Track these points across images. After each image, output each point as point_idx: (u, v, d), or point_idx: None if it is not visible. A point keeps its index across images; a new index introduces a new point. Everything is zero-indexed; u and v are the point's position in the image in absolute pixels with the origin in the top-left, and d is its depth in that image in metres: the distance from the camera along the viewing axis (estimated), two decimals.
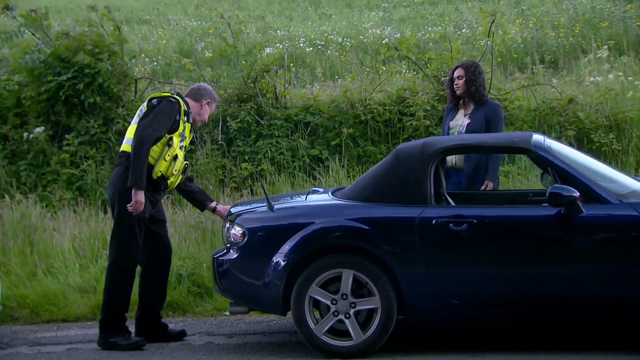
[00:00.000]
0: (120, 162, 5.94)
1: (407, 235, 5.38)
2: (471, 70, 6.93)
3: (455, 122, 6.95)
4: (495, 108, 6.93)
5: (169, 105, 5.93)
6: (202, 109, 6.23)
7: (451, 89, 7.05)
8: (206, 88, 6.34)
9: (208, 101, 6.26)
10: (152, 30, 21.13)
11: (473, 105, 6.94)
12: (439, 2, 23.57)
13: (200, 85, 6.43)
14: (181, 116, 5.98)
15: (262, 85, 10.22)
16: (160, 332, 6.13)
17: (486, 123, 6.80)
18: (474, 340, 5.82)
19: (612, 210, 5.23)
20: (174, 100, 5.98)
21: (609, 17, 17.37)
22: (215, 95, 6.36)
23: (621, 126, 9.56)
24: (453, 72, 7.05)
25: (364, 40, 17.91)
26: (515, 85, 10.38)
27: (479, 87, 6.91)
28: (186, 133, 6.07)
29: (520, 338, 5.79)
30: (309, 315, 5.43)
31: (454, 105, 7.05)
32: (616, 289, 5.19)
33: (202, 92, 6.26)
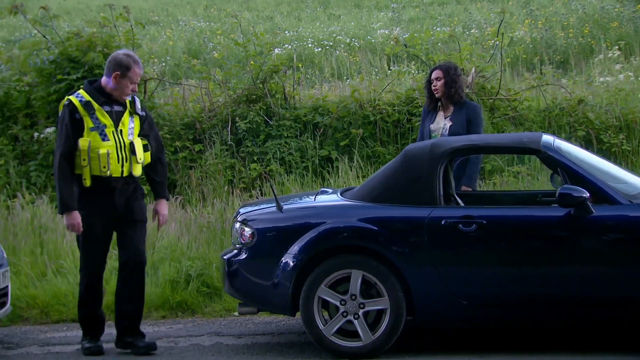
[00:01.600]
0: None
1: (416, 235, 5.37)
2: (450, 72, 6.87)
3: (436, 125, 6.90)
4: (475, 109, 6.90)
5: (62, 113, 5.61)
6: (117, 83, 5.62)
7: (429, 91, 6.98)
8: (114, 58, 5.67)
9: (117, 73, 5.60)
10: (161, 30, 21.16)
11: (452, 107, 6.89)
12: (448, 3, 23.54)
13: (111, 56, 5.76)
14: (81, 112, 5.55)
15: (271, 86, 10.23)
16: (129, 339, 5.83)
17: (467, 124, 6.77)
18: (482, 340, 5.81)
19: (622, 210, 5.21)
20: (67, 102, 5.60)
21: (618, 17, 17.32)
22: (127, 62, 5.61)
23: (631, 126, 9.54)
24: (431, 74, 6.99)
25: (372, 41, 17.91)
26: (525, 86, 10.35)
27: (458, 88, 6.87)
28: (104, 120, 5.58)
29: (528, 338, 5.78)
30: (317, 315, 5.43)
31: (432, 108, 7.01)
32: (627, 290, 5.17)
33: (110, 65, 5.65)
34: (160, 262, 7.50)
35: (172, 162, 9.71)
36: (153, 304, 7.05)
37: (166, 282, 7.22)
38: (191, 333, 6.41)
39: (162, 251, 7.68)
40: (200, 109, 10.33)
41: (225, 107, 10.18)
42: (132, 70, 5.61)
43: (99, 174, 5.58)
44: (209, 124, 10.06)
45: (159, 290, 7.15)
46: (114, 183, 5.64)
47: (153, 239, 7.92)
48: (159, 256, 7.61)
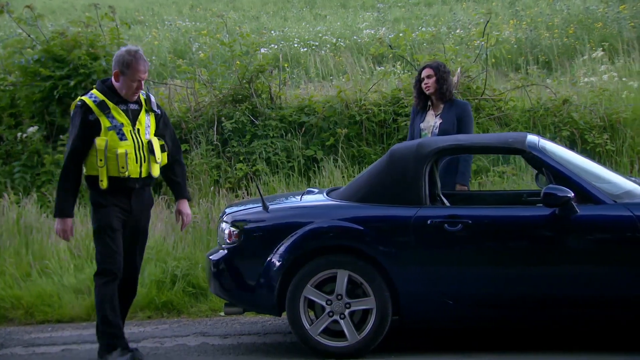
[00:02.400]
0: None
1: (402, 235, 5.39)
2: (441, 70, 6.92)
3: (426, 124, 6.93)
4: (465, 107, 6.93)
5: (75, 113, 5.38)
6: (119, 81, 5.44)
7: (419, 90, 7.01)
8: (115, 56, 5.48)
9: (117, 72, 5.41)
10: (146, 30, 21.10)
11: (442, 105, 6.92)
12: (433, 3, 23.62)
13: (116, 53, 5.57)
14: (95, 112, 5.34)
15: (257, 86, 10.23)
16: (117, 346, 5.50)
17: (457, 122, 6.80)
18: (469, 340, 5.83)
19: (606, 210, 5.24)
20: (79, 103, 5.38)
21: (602, 18, 17.42)
22: (127, 60, 5.40)
23: (615, 127, 9.59)
24: (420, 73, 7.02)
25: (358, 41, 17.93)
26: (510, 86, 10.40)
27: (449, 85, 6.92)
28: (121, 119, 5.38)
29: (514, 338, 5.80)
30: (303, 315, 5.43)
31: (422, 107, 7.03)
32: (611, 290, 5.19)
33: (113, 65, 5.48)
34: (146, 262, 7.46)
35: None
36: (139, 305, 7.03)
37: (152, 282, 7.20)
38: (177, 333, 6.40)
39: (147, 251, 7.62)
40: (186, 109, 10.31)
41: (211, 107, 10.17)
42: (132, 68, 5.38)
43: (117, 175, 5.36)
44: (194, 123, 10.04)
45: (144, 290, 7.13)
46: (131, 184, 5.43)
47: None
48: (144, 256, 7.57)
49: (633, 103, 9.97)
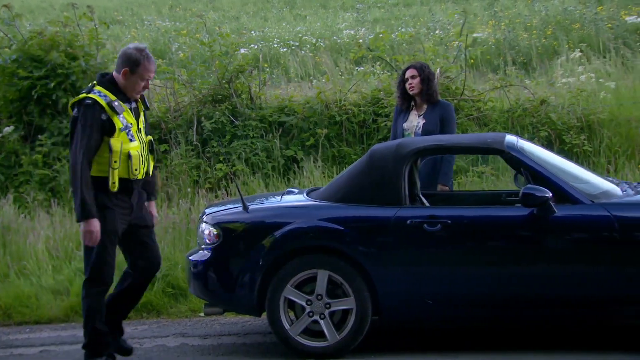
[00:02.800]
0: None
1: (382, 235, 5.40)
2: (425, 70, 6.95)
3: (409, 124, 6.96)
4: (448, 108, 6.97)
5: (87, 111, 5.07)
6: (127, 80, 5.21)
7: (402, 90, 7.03)
8: (123, 54, 5.25)
9: (126, 69, 5.19)
10: (126, 30, 21.01)
11: (426, 106, 6.96)
12: (412, 3, 23.69)
13: (121, 51, 5.34)
14: (108, 112, 5.10)
15: (237, 86, 10.22)
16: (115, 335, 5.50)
17: (440, 123, 6.84)
18: (448, 340, 5.85)
19: (584, 210, 5.28)
20: (89, 102, 5.09)
21: (580, 19, 17.54)
22: (137, 58, 5.19)
23: (592, 127, 9.66)
24: (404, 73, 7.04)
25: (338, 41, 17.95)
26: (489, 87, 10.45)
27: (433, 86, 6.96)
28: (129, 119, 5.22)
29: (494, 338, 5.83)
30: (283, 316, 5.44)
31: (406, 107, 7.06)
32: (588, 289, 5.23)
33: (119, 62, 5.25)
34: (124, 263, 7.43)
35: None
36: None
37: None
38: (156, 334, 6.38)
39: None
40: (165, 109, 10.28)
41: (190, 107, 10.15)
42: (142, 66, 5.18)
43: (127, 177, 5.20)
44: (174, 124, 10.02)
45: None
46: (134, 185, 5.28)
47: None
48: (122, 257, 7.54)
49: (610, 104, 10.06)
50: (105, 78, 5.27)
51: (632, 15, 17.12)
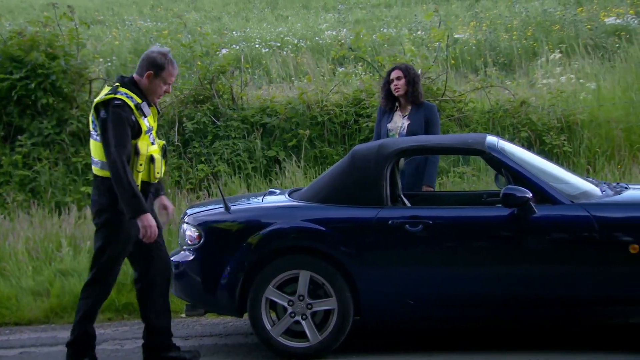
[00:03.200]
0: (96, 185, 5.23)
1: (364, 236, 5.41)
2: (411, 72, 6.98)
3: (394, 124, 6.99)
4: (432, 109, 7.01)
5: (117, 112, 5.01)
6: (150, 83, 5.19)
7: (387, 91, 7.05)
8: (148, 57, 5.23)
9: (150, 72, 5.18)
10: (107, 30, 20.92)
11: (410, 107, 6.99)
12: (394, 5, 23.75)
13: (144, 54, 5.31)
14: (136, 114, 5.09)
15: (219, 87, 10.21)
16: (173, 354, 5.38)
17: (425, 123, 6.87)
18: (430, 340, 5.87)
19: (563, 210, 5.31)
20: (119, 102, 5.03)
21: (560, 20, 17.66)
22: (161, 61, 5.19)
23: (572, 128, 9.73)
24: (389, 74, 7.06)
25: (320, 42, 17.96)
26: (470, 87, 10.50)
27: (419, 87, 6.99)
28: (151, 123, 5.24)
29: (474, 338, 5.86)
30: (265, 316, 5.43)
31: (390, 108, 7.08)
32: (569, 289, 5.26)
33: (143, 64, 5.21)
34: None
35: None
36: None
37: None
38: (137, 335, 6.33)
39: None
40: None
41: (172, 108, 10.12)
42: (166, 70, 5.19)
43: (148, 180, 5.17)
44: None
45: None
46: (150, 188, 5.25)
47: None
48: None
49: (590, 105, 10.13)
50: (126, 80, 5.23)
51: (611, 16, 17.27)
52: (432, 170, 6.81)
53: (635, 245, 5.15)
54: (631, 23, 16.43)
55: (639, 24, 16.28)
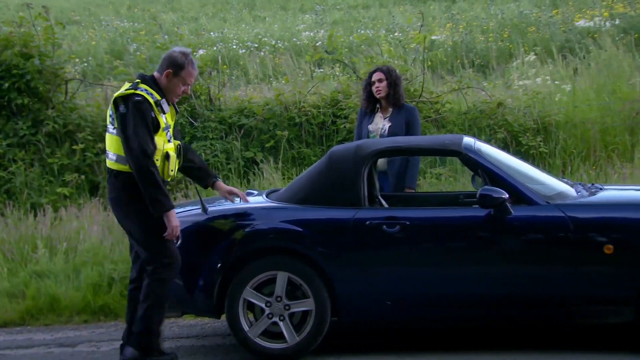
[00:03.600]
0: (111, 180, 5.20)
1: (341, 237, 5.42)
2: (393, 74, 7.01)
3: (375, 126, 7.01)
4: (413, 111, 7.04)
5: (138, 107, 5.00)
6: (169, 82, 5.20)
7: (368, 93, 7.07)
8: (168, 56, 5.24)
9: (170, 71, 5.18)
10: (83, 31, 20.79)
11: (391, 109, 7.01)
12: (371, 6, 23.81)
13: (166, 53, 5.33)
14: (155, 110, 5.08)
15: (196, 87, 10.18)
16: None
17: (406, 125, 6.90)
18: (406, 340, 5.89)
19: (539, 211, 5.34)
20: (140, 99, 5.02)
21: (535, 22, 17.80)
22: (182, 61, 5.19)
23: (548, 129, 9.81)
24: (371, 76, 7.08)
25: (297, 43, 17.97)
26: (447, 89, 10.55)
27: (400, 89, 7.01)
28: (169, 120, 5.23)
29: (450, 338, 5.88)
30: (243, 318, 5.43)
31: (371, 110, 7.11)
32: (545, 289, 5.29)
33: (163, 63, 5.23)
34: (82, 265, 7.38)
35: (94, 164, 9.57)
36: (75, 308, 6.94)
37: (88, 285, 7.11)
38: (113, 337, 6.32)
39: (84, 254, 7.56)
40: None
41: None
42: (186, 70, 5.20)
43: (162, 177, 5.13)
44: None
45: (80, 294, 7.03)
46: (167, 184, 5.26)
47: (76, 242, 7.80)
48: (81, 259, 7.49)
49: (565, 106, 10.22)
50: (147, 77, 5.21)
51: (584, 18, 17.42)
52: (413, 172, 6.84)
53: (609, 245, 5.19)
54: (604, 25, 16.59)
55: (611, 26, 16.45)
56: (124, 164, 5.08)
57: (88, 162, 9.61)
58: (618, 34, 15.69)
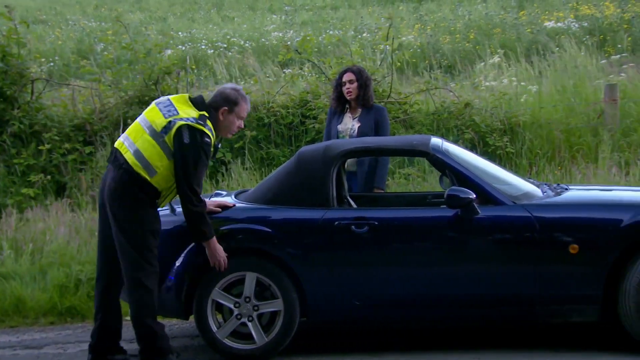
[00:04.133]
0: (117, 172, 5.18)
1: (310, 237, 5.43)
2: (363, 75, 7.02)
3: (344, 126, 7.02)
4: (382, 112, 7.06)
5: (205, 150, 5.08)
6: (224, 119, 5.29)
7: (339, 93, 7.07)
8: (221, 93, 5.32)
9: (225, 108, 5.27)
10: (49, 30, 20.59)
11: (360, 109, 7.03)
12: (340, 7, 23.85)
13: (219, 89, 5.40)
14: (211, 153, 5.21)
15: (164, 87, 10.12)
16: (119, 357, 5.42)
17: (375, 126, 6.93)
18: (375, 340, 5.91)
19: (506, 211, 5.39)
20: (209, 141, 5.10)
21: (501, 24, 17.95)
22: (235, 97, 5.28)
23: (515, 130, 9.89)
24: (341, 76, 7.07)
25: (266, 43, 17.95)
26: (415, 89, 10.60)
27: (370, 90, 7.03)
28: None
29: (419, 337, 5.92)
30: (211, 319, 5.41)
31: (340, 110, 7.12)
32: (512, 288, 5.33)
33: (217, 100, 5.29)
34: (48, 266, 7.32)
35: (61, 165, 9.49)
36: (41, 310, 6.88)
37: (55, 287, 7.04)
38: (81, 339, 6.27)
39: (50, 255, 7.49)
40: (90, 110, 10.11)
41: (116, 109, 10.01)
42: (239, 106, 5.29)
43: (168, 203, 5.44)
44: (99, 125, 9.86)
45: (47, 295, 6.97)
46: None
47: (42, 243, 7.73)
48: (47, 261, 7.42)
49: (531, 107, 10.32)
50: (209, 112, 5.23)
51: (551, 20, 17.62)
52: (382, 172, 6.86)
53: (574, 245, 5.25)
54: (571, 27, 16.79)
55: (578, 28, 16.65)
56: (148, 173, 5.11)
57: (54, 163, 9.53)
58: (584, 36, 15.89)
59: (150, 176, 5.11)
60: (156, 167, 5.10)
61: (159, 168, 5.10)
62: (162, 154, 5.09)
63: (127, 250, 5.15)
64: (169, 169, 5.11)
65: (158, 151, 5.10)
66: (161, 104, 5.22)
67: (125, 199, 5.14)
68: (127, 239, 5.15)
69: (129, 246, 5.15)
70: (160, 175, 5.12)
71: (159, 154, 5.10)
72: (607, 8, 18.12)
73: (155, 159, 5.10)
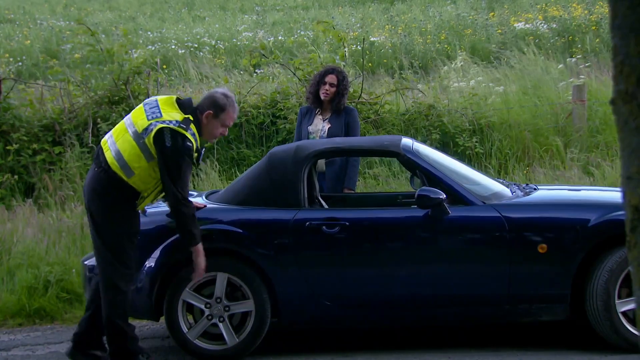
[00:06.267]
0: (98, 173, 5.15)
1: (281, 238, 5.43)
2: (345, 82, 6.98)
3: (314, 127, 7.01)
4: (352, 113, 7.05)
5: (188, 154, 5.02)
6: (208, 123, 5.21)
7: (316, 91, 7.03)
8: (210, 97, 5.26)
9: (210, 112, 5.18)
10: (17, 29, 20.37)
11: (331, 111, 7.03)
12: (311, 7, 23.86)
13: (210, 92, 5.38)
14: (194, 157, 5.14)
15: (134, 87, 10.06)
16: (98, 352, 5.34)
17: (345, 127, 6.93)
18: (346, 340, 5.93)
19: (475, 211, 5.43)
20: (191, 145, 5.01)
21: (472, 24, 18.07)
22: (223, 103, 5.19)
23: (484, 130, 9.97)
24: (323, 76, 7.00)
25: (238, 43, 17.91)
26: (385, 90, 10.64)
27: (345, 99, 7.03)
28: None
29: (389, 337, 5.94)
30: (182, 319, 5.39)
31: (314, 107, 7.09)
32: (482, 288, 5.38)
33: (205, 103, 5.24)
34: (16, 267, 7.24)
35: (30, 165, 9.40)
36: (9, 312, 6.81)
37: (23, 288, 6.97)
38: (50, 340, 6.22)
39: (18, 257, 7.41)
40: (59, 110, 10.02)
41: (86, 109, 9.93)
42: (226, 112, 5.21)
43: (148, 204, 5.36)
44: (69, 125, 9.78)
45: (15, 297, 6.90)
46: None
47: (9, 244, 7.64)
48: (15, 262, 7.34)
49: (499, 108, 10.40)
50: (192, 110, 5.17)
51: (520, 21, 17.76)
52: (352, 172, 6.86)
53: (543, 245, 5.31)
54: (540, 28, 16.94)
55: (547, 29, 16.81)
56: (126, 174, 5.06)
57: (23, 163, 9.43)
58: (554, 37, 16.05)
59: (127, 177, 5.07)
60: (134, 168, 5.06)
61: (136, 169, 5.06)
62: (142, 155, 5.05)
63: (102, 250, 5.13)
64: (147, 171, 5.07)
65: (137, 152, 5.05)
66: (147, 105, 5.18)
67: (103, 199, 5.12)
68: (103, 239, 5.12)
69: (104, 247, 5.12)
70: (138, 176, 5.08)
71: (138, 155, 5.05)
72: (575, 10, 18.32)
73: (134, 160, 5.06)
